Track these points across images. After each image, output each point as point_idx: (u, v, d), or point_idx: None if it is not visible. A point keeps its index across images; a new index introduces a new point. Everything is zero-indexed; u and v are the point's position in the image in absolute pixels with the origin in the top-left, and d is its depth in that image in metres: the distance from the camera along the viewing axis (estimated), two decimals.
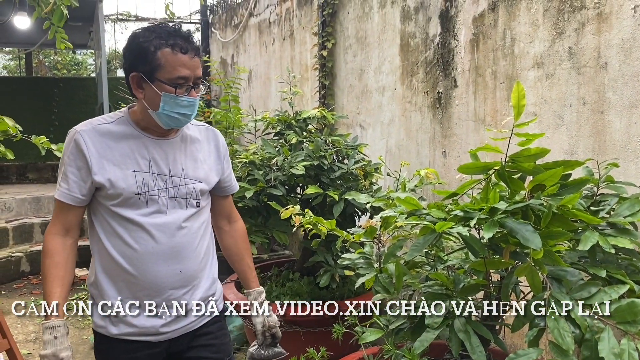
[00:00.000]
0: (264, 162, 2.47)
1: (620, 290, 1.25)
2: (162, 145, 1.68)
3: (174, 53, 1.55)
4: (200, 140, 1.78)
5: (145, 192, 1.62)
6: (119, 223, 1.62)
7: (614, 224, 1.48)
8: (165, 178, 1.66)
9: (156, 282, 1.63)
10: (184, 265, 1.68)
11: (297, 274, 2.70)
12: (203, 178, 1.74)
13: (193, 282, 1.72)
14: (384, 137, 3.52)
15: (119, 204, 1.61)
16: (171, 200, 1.66)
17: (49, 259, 1.60)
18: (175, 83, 1.57)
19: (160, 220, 1.63)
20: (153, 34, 1.57)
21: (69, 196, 1.61)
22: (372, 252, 1.69)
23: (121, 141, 1.63)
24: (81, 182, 1.60)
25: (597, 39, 2.05)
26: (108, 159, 1.60)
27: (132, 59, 1.60)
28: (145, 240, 1.62)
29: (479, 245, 1.29)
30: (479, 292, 1.57)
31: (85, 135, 1.61)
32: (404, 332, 1.48)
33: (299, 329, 2.52)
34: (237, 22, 6.55)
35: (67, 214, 1.63)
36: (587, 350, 1.22)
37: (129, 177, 1.61)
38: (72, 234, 1.66)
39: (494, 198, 1.31)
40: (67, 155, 1.62)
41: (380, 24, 3.53)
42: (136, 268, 1.62)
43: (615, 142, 2.01)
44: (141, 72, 1.58)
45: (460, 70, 2.79)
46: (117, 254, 1.62)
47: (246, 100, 6.23)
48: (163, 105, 1.58)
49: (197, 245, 1.71)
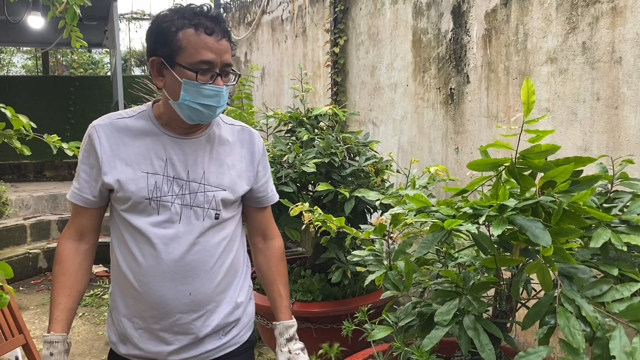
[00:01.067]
0: (275, 160, 2.48)
1: (632, 288, 1.23)
2: (183, 145, 1.48)
3: (197, 34, 1.37)
4: (232, 142, 1.56)
5: (156, 197, 1.43)
6: (128, 231, 1.45)
7: (627, 222, 1.46)
8: (181, 183, 1.46)
9: (162, 304, 1.44)
10: (194, 287, 1.46)
11: (309, 271, 2.70)
12: (227, 185, 1.52)
13: (207, 307, 1.49)
14: (396, 134, 3.51)
15: (129, 209, 1.44)
16: (186, 208, 1.46)
17: (58, 266, 1.47)
18: (197, 68, 1.37)
19: (171, 231, 1.44)
20: (176, 14, 1.39)
21: (79, 197, 1.46)
22: (382, 249, 1.69)
23: (138, 138, 1.45)
24: (92, 182, 1.45)
25: (612, 33, 2.02)
26: (121, 157, 1.43)
27: (152, 42, 1.43)
28: (149, 254, 1.43)
29: (489, 242, 1.28)
30: (490, 289, 1.56)
31: (100, 130, 1.45)
32: (413, 329, 1.47)
33: (311, 325, 2.53)
34: (250, 20, 6.56)
35: (81, 217, 1.49)
36: (598, 349, 1.20)
37: (140, 179, 1.43)
38: (87, 239, 1.51)
39: (503, 195, 1.29)
40: (81, 151, 1.48)
41: (393, 20, 3.52)
42: (142, 285, 1.44)
43: (630, 138, 1.98)
44: (161, 56, 1.40)
45: (473, 66, 2.77)
46: (126, 266, 1.46)
47: (259, 97, 6.25)
48: (184, 94, 1.39)
49: (214, 264, 1.49)
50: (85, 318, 4.38)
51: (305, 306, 2.50)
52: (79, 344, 3.87)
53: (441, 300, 1.44)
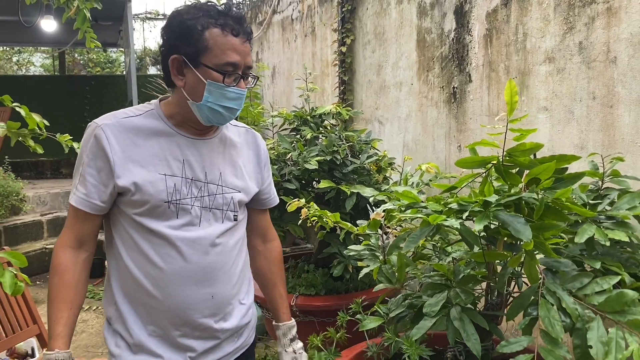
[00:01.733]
0: (279, 157, 2.55)
1: (611, 281, 1.28)
2: (198, 145, 1.45)
3: (224, 34, 1.33)
4: (240, 144, 1.56)
5: (176, 200, 1.38)
6: (142, 236, 1.38)
7: (612, 217, 1.51)
8: (200, 185, 1.42)
9: (184, 309, 1.40)
10: (217, 289, 1.44)
11: (312, 266, 2.77)
12: (242, 187, 1.51)
13: (226, 309, 1.48)
14: (402, 132, 3.56)
15: (144, 213, 1.37)
16: (205, 211, 1.43)
17: (57, 277, 1.37)
18: (224, 70, 1.34)
19: (192, 234, 1.40)
20: (200, 12, 1.34)
21: (87, 203, 1.36)
22: (377, 244, 1.75)
23: (150, 138, 1.39)
24: (101, 186, 1.36)
25: (607, 33, 2.05)
26: (134, 159, 1.37)
27: (173, 39, 1.36)
28: (173, 258, 1.38)
29: (473, 237, 1.33)
30: (481, 283, 1.61)
31: (108, 130, 1.36)
32: (404, 320, 1.53)
33: (314, 319, 2.60)
34: (261, 20, 6.64)
35: (83, 224, 1.39)
36: (578, 339, 1.25)
37: (158, 182, 1.37)
38: (86, 247, 1.42)
39: (488, 191, 1.35)
40: (85, 153, 1.37)
41: (398, 20, 3.57)
42: (161, 291, 1.38)
43: (624, 136, 2.01)
44: (183, 55, 1.35)
45: (475, 65, 2.81)
46: (140, 273, 1.38)
47: (270, 96, 6.32)
48: (207, 95, 1.35)
49: (232, 265, 1.49)
50: (98, 311, 4.50)
51: (308, 300, 2.57)
52: (93, 336, 3.99)
53: (431, 292, 1.50)
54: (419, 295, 1.54)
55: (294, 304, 2.50)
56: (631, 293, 1.22)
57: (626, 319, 1.21)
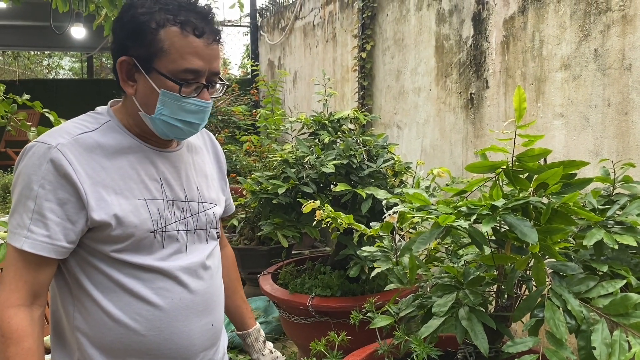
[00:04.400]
0: (298, 161, 2.61)
1: (617, 284, 1.31)
2: (172, 159, 1.25)
3: (184, 35, 1.10)
4: (200, 148, 1.37)
5: (161, 227, 1.18)
6: (127, 274, 1.16)
7: (621, 222, 1.53)
8: (181, 205, 1.23)
9: (187, 346, 1.22)
10: (215, 316, 1.30)
11: (329, 268, 2.82)
12: (216, 199, 1.35)
13: (220, 336, 1.36)
14: (420, 137, 3.59)
15: (126, 249, 1.15)
16: (190, 234, 1.25)
17: (13, 347, 1.05)
18: (181, 78, 1.12)
19: (184, 262, 1.22)
20: (157, 5, 1.12)
21: (49, 247, 1.08)
22: (390, 245, 1.79)
23: (117, 157, 1.16)
24: (67, 223, 1.09)
25: (622, 41, 2.07)
26: (105, 185, 1.12)
27: (122, 38, 1.14)
28: (172, 292, 1.19)
29: (481, 237, 1.37)
30: (489, 285, 1.64)
31: (69, 152, 1.10)
32: (414, 320, 1.58)
33: (330, 319, 2.65)
34: (284, 25, 6.74)
35: (38, 273, 1.10)
36: (583, 341, 1.28)
37: (140, 209, 1.16)
38: (40, 301, 1.13)
39: (496, 195, 1.39)
40: (37, 183, 1.07)
41: (417, 26, 3.61)
42: (160, 332, 1.18)
43: (638, 142, 2.03)
44: (134, 57, 1.13)
45: (492, 71, 2.84)
46: (128, 317, 1.16)
47: (291, 100, 6.41)
48: (160, 107, 1.13)
49: (221, 287, 1.36)
50: None
51: (324, 301, 2.62)
52: None
53: (441, 293, 1.54)
54: (429, 296, 1.58)
55: (309, 304, 2.55)
56: (635, 296, 1.24)
57: (630, 322, 1.24)
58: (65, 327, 1.20)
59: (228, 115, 6.14)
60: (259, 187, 2.66)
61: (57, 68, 16.53)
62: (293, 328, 2.84)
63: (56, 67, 16.48)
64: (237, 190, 3.93)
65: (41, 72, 15.71)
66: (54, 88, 9.81)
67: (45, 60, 15.94)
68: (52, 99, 9.20)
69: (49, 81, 11.18)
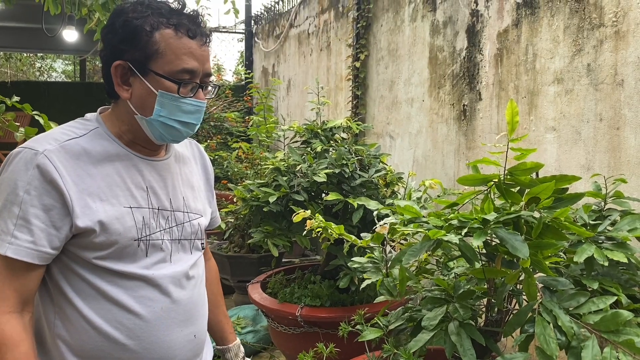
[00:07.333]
0: (289, 169, 2.60)
1: (607, 301, 1.30)
2: (158, 168, 1.26)
3: (178, 36, 1.13)
4: (188, 159, 1.39)
5: (145, 236, 1.19)
6: (109, 281, 1.16)
7: (612, 238, 1.53)
8: (166, 214, 1.24)
9: (168, 357, 1.22)
10: (197, 326, 1.30)
11: (319, 277, 2.80)
12: (202, 210, 1.36)
13: (203, 348, 1.35)
14: (412, 147, 3.59)
15: (109, 256, 1.15)
16: (175, 244, 1.25)
17: (10, 353, 1.06)
18: (179, 78, 1.14)
19: (168, 271, 1.23)
20: (149, 9, 1.14)
21: (34, 252, 1.08)
22: (380, 256, 1.78)
23: (104, 164, 1.17)
24: (52, 229, 1.09)
25: (615, 56, 2.08)
26: (91, 192, 1.13)
27: (117, 42, 1.15)
28: (154, 300, 1.19)
29: (472, 252, 1.36)
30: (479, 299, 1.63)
31: (55, 159, 1.10)
32: (404, 333, 1.56)
33: (319, 330, 2.62)
34: (279, 33, 6.74)
35: (25, 279, 1.10)
36: (573, 357, 1.27)
37: (125, 217, 1.16)
38: (29, 307, 1.13)
39: (488, 209, 1.38)
40: (22, 188, 1.07)
41: (411, 37, 3.62)
42: (141, 341, 1.17)
43: (630, 158, 2.03)
44: (129, 61, 1.15)
45: (485, 83, 2.85)
46: (109, 325, 1.15)
47: (285, 108, 6.40)
48: (159, 108, 1.15)
49: (204, 297, 1.36)
50: None
51: (313, 311, 2.59)
52: None
53: (431, 306, 1.53)
54: (418, 309, 1.57)
55: (298, 314, 2.53)
56: (626, 313, 1.24)
57: (620, 339, 1.23)
58: (46, 334, 1.20)
59: (221, 121, 6.12)
60: (250, 195, 2.65)
61: (49, 70, 16.44)
62: (281, 338, 2.81)
63: (49, 70, 16.39)
64: (228, 197, 3.91)
65: (33, 75, 15.62)
66: (46, 90, 9.73)
67: (37, 62, 15.85)
68: (44, 101, 9.14)
69: (41, 83, 11.09)
